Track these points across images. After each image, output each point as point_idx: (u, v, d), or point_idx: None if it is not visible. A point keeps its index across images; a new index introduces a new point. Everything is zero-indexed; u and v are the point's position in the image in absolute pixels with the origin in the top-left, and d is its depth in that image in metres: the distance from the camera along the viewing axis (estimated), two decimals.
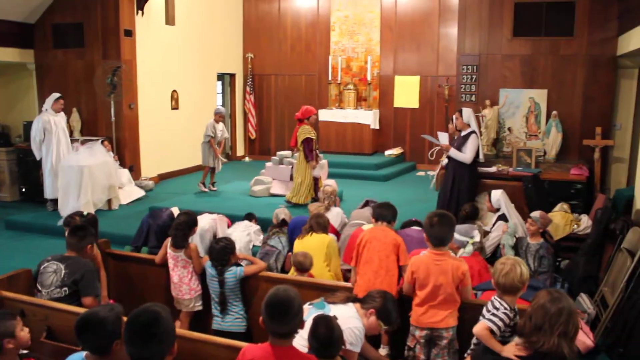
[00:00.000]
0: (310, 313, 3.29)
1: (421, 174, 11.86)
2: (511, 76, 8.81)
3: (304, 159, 8.17)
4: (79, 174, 8.12)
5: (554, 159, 8.41)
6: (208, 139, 9.21)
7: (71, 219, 4.35)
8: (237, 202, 8.54)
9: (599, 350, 4.61)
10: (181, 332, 3.19)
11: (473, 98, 9.03)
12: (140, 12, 10.17)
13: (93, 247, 4.12)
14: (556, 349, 2.65)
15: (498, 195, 6.25)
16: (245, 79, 13.81)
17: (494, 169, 7.86)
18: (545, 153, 8.50)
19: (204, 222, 6.14)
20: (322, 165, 8.27)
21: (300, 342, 3.11)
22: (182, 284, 4.55)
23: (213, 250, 4.36)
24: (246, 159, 13.91)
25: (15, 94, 10.83)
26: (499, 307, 3.25)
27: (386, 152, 12.41)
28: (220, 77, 13.50)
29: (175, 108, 11.48)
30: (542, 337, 2.69)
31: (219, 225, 6.53)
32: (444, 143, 7.02)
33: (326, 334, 2.85)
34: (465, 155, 6.80)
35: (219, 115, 9.33)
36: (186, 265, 4.54)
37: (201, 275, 4.58)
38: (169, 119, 11.25)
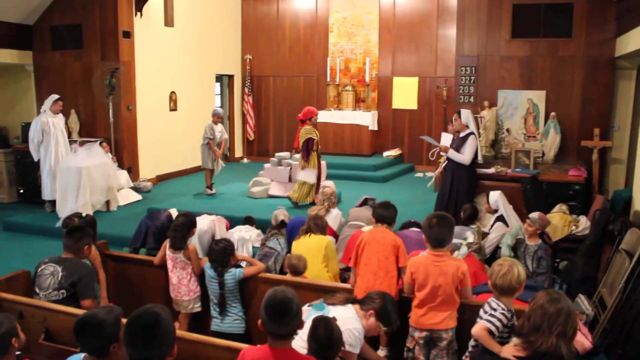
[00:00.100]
0: (310, 314, 3.29)
1: (420, 175, 11.87)
2: (509, 77, 8.82)
3: (306, 160, 8.23)
4: (78, 175, 8.12)
5: (552, 160, 8.42)
6: (207, 141, 9.18)
7: (70, 220, 4.34)
8: (236, 204, 8.55)
9: (598, 351, 4.61)
10: (181, 334, 3.19)
11: (471, 99, 9.04)
12: (138, 14, 10.16)
13: (90, 248, 4.10)
14: (554, 349, 2.66)
15: (496, 197, 6.25)
16: (244, 80, 13.81)
17: (492, 170, 7.87)
18: (543, 154, 8.51)
19: (202, 224, 6.14)
20: (311, 172, 8.31)
21: (299, 344, 3.11)
22: (181, 285, 4.54)
23: (213, 252, 4.35)
24: (244, 160, 13.90)
25: (14, 95, 10.82)
26: (497, 308, 3.26)
27: (384, 154, 12.42)
28: (219, 79, 13.51)
29: (173, 109, 11.48)
30: (541, 337, 2.70)
31: (218, 227, 6.53)
32: (443, 144, 7.03)
33: (325, 335, 2.85)
34: (464, 156, 6.81)
35: (217, 117, 9.31)
36: (185, 266, 4.53)
37: (200, 277, 4.57)
38: (167, 121, 11.25)
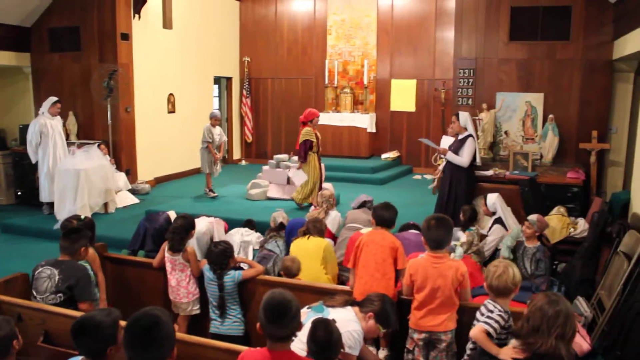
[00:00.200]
0: (309, 316, 3.29)
1: (418, 177, 11.89)
2: (508, 80, 8.84)
3: (302, 160, 8.25)
4: (76, 177, 8.11)
5: (550, 163, 8.44)
6: (206, 145, 9.19)
7: (68, 222, 4.32)
8: (234, 206, 8.55)
9: (596, 354, 4.62)
10: (180, 336, 3.18)
11: (470, 102, 9.05)
12: (136, 16, 10.16)
13: (87, 250, 4.05)
14: (553, 351, 2.67)
15: (494, 199, 6.26)
16: (242, 82, 13.81)
17: (490, 173, 7.87)
18: (541, 156, 8.53)
19: (200, 226, 6.13)
20: (301, 173, 8.36)
21: (299, 346, 3.12)
22: (180, 287, 4.53)
23: (212, 254, 4.33)
24: (242, 162, 13.90)
25: (11, 97, 10.80)
26: (493, 310, 3.27)
27: (383, 156, 12.43)
28: (217, 81, 13.51)
29: (171, 112, 11.48)
30: (540, 339, 2.71)
31: (216, 229, 6.53)
32: (441, 147, 7.04)
33: (325, 338, 2.85)
34: (462, 158, 6.81)
35: (215, 119, 9.31)
36: (184, 268, 4.52)
37: (199, 279, 4.56)
38: (165, 123, 11.25)
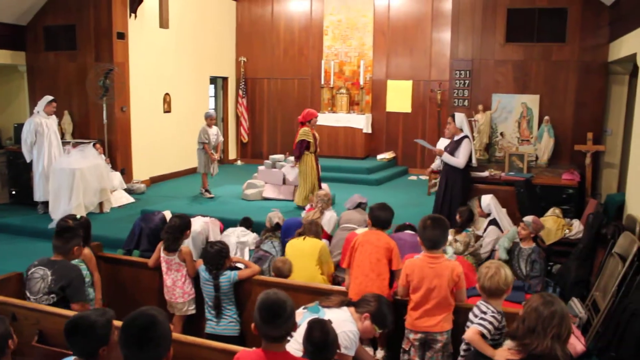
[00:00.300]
0: (305, 317, 3.29)
1: (413, 178, 11.90)
2: (504, 81, 8.86)
3: (297, 160, 8.27)
4: (71, 176, 8.08)
5: (545, 164, 8.46)
6: (202, 146, 9.19)
7: (64, 222, 4.29)
8: (230, 206, 8.54)
9: (591, 354, 4.64)
10: (175, 336, 3.16)
11: (466, 103, 9.07)
12: (133, 15, 10.13)
13: (81, 249, 4.01)
14: (549, 352, 2.67)
15: (488, 200, 6.26)
16: (238, 82, 13.79)
17: (486, 174, 7.88)
18: (537, 158, 8.55)
19: (196, 225, 6.13)
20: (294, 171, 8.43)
21: (295, 346, 3.11)
22: (176, 287, 4.52)
23: (207, 254, 4.32)
24: (238, 162, 13.88)
25: (6, 96, 10.75)
26: (486, 311, 3.27)
27: (378, 156, 12.43)
28: (213, 81, 13.48)
29: (167, 111, 11.45)
30: (536, 340, 2.71)
31: (211, 229, 6.52)
32: (437, 148, 7.05)
33: (321, 338, 2.84)
34: (458, 159, 6.82)
35: (210, 119, 9.30)
36: (180, 268, 4.51)
37: (194, 279, 4.55)
38: (161, 122, 11.22)
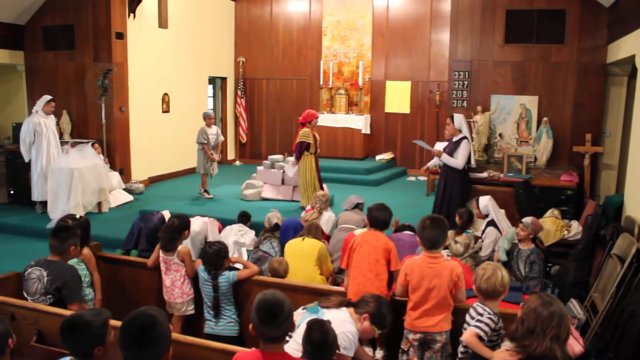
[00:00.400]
0: (304, 317, 3.29)
1: (412, 179, 11.90)
2: (502, 82, 8.87)
3: (297, 160, 8.29)
4: (69, 176, 8.07)
5: (544, 165, 8.47)
6: (201, 146, 9.19)
7: (64, 222, 4.29)
8: (228, 206, 8.54)
9: (589, 356, 4.63)
10: (174, 336, 3.16)
11: (464, 104, 9.08)
12: (132, 15, 10.12)
13: (77, 249, 3.99)
14: (549, 353, 2.67)
15: (486, 202, 6.25)
16: (237, 82, 13.79)
17: (485, 175, 7.89)
18: (535, 159, 8.56)
19: (194, 225, 6.11)
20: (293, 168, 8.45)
21: (294, 347, 3.11)
22: (175, 287, 4.51)
23: (206, 255, 4.31)
24: (237, 162, 13.88)
25: (5, 95, 10.74)
26: (483, 313, 3.27)
27: (377, 157, 12.44)
28: (212, 81, 13.48)
29: (166, 111, 11.44)
30: (535, 341, 2.70)
31: (210, 229, 6.51)
32: (436, 149, 7.06)
33: (320, 338, 2.84)
34: (457, 160, 6.82)
35: (209, 118, 9.30)
36: (179, 268, 4.50)
37: (193, 279, 4.54)
38: (160, 122, 11.21)
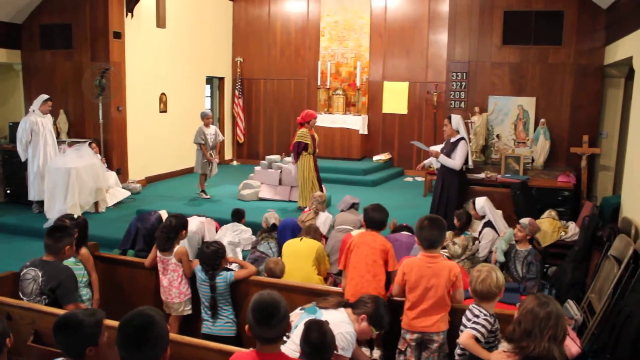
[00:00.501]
0: (302, 318, 3.29)
1: (409, 179, 11.91)
2: (500, 83, 8.88)
3: (295, 160, 8.31)
4: (66, 176, 8.05)
5: (541, 166, 8.48)
6: (199, 146, 9.18)
7: (61, 222, 4.27)
8: (226, 206, 8.52)
9: (586, 357, 4.64)
10: (172, 337, 3.15)
11: (462, 105, 9.08)
12: (129, 14, 10.10)
13: (72, 249, 3.98)
14: (546, 353, 2.67)
15: (482, 203, 6.26)
16: (234, 82, 13.78)
17: (482, 176, 7.90)
18: (533, 160, 8.58)
19: (192, 225, 6.11)
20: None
21: (292, 347, 3.11)
22: (172, 287, 4.50)
23: (204, 255, 4.31)
24: (234, 162, 13.86)
25: (2, 94, 10.71)
26: (479, 315, 3.28)
27: (374, 158, 12.44)
28: (209, 81, 13.46)
29: (163, 111, 11.42)
30: (533, 342, 2.70)
31: (207, 229, 6.51)
32: (433, 150, 7.07)
33: (318, 339, 2.84)
34: (455, 161, 6.83)
35: (207, 118, 9.28)
36: (176, 268, 4.50)
37: (191, 279, 4.53)
38: (157, 122, 11.19)
